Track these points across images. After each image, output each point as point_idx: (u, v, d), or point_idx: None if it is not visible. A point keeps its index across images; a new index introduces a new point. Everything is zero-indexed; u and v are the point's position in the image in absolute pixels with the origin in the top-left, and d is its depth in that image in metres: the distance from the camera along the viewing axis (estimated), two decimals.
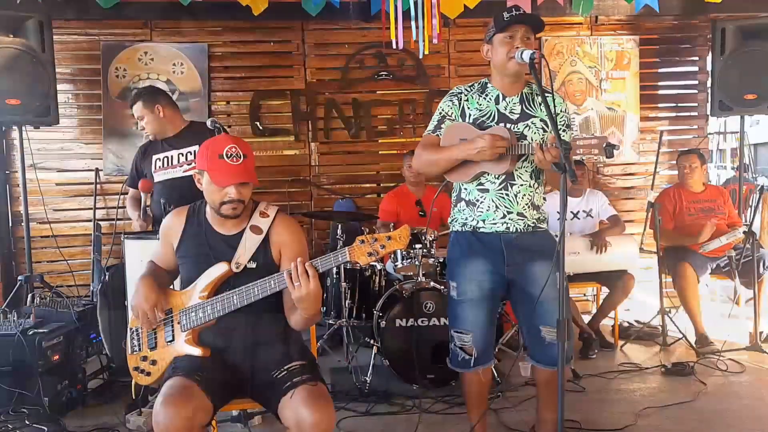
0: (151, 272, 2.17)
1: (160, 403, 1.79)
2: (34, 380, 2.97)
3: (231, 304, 2.00)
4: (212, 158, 2.01)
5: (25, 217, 4.12)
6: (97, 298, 3.46)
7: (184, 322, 2.07)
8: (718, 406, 3.14)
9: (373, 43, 4.87)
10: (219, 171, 1.99)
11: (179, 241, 2.16)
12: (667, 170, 5.23)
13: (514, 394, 3.30)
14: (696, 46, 5.23)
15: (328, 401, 1.91)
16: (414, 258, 3.56)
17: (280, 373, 2.00)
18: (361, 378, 3.40)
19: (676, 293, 4.20)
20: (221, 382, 1.98)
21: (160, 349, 2.10)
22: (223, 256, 2.08)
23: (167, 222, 2.23)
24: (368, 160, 5.08)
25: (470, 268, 2.38)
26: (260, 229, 2.11)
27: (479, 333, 2.40)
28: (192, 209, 2.21)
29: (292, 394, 1.90)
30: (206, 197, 2.10)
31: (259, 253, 2.09)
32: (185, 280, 2.17)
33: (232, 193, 2.01)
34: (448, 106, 2.41)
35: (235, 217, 2.07)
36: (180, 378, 1.89)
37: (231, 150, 2.00)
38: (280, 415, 1.95)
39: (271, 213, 2.15)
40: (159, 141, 3.36)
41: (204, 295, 2.05)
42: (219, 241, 2.11)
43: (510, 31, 2.29)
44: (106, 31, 4.71)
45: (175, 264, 2.23)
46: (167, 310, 2.10)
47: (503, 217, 2.35)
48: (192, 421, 1.78)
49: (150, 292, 2.06)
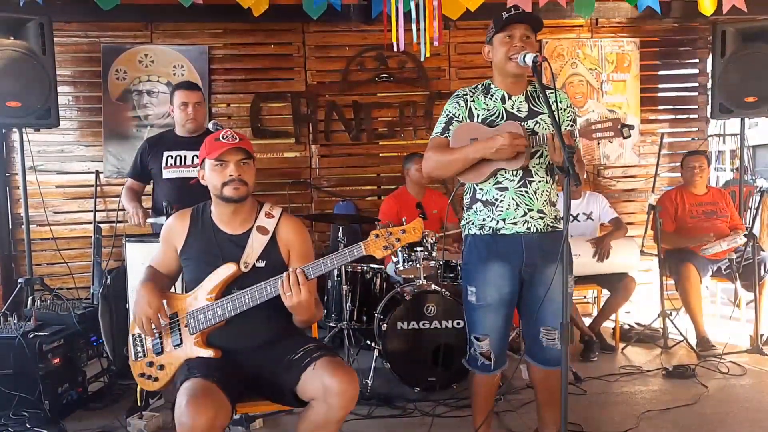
0: (151, 277, 2.16)
1: (185, 404, 1.79)
2: (34, 383, 2.96)
3: (243, 303, 2.00)
4: (210, 142, 2.11)
5: (25, 220, 4.11)
6: (98, 300, 3.44)
7: (193, 325, 2.06)
8: (719, 409, 3.13)
9: (373, 45, 4.87)
10: (216, 147, 2.07)
11: (184, 242, 2.17)
12: (667, 172, 5.23)
13: (516, 397, 3.30)
14: (696, 48, 5.23)
15: (351, 369, 1.95)
16: (415, 260, 3.55)
17: (296, 355, 2.02)
18: (362, 381, 3.39)
19: (679, 295, 4.20)
20: (235, 381, 1.99)
21: (167, 353, 2.09)
22: (230, 255, 2.09)
23: (170, 225, 2.23)
24: (369, 162, 5.07)
25: (489, 273, 2.36)
26: (266, 229, 2.13)
27: (497, 337, 2.40)
28: (196, 210, 2.22)
29: (314, 366, 1.93)
30: (210, 186, 2.12)
31: (266, 253, 2.10)
32: (190, 281, 2.16)
33: (232, 170, 2.06)
34: (454, 107, 2.40)
35: (239, 200, 2.08)
36: (200, 379, 1.89)
37: (227, 133, 2.12)
38: (302, 391, 1.95)
39: (276, 213, 2.18)
40: (171, 137, 3.37)
41: (212, 297, 2.05)
42: (226, 241, 2.12)
43: (509, 31, 2.30)
44: (107, 33, 4.70)
45: (175, 268, 2.23)
46: (172, 315, 2.10)
47: (524, 215, 2.34)
48: (214, 421, 1.78)
49: (153, 298, 2.05)
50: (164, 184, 3.31)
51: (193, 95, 3.33)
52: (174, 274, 2.26)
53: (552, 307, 2.26)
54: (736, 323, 4.31)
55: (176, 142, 3.36)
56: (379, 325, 3.48)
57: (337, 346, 4.02)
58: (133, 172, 3.46)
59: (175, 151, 3.32)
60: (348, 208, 4.90)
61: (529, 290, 2.39)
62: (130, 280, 2.99)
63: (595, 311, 4.64)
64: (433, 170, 2.43)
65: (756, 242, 4.01)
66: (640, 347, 4.19)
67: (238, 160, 2.08)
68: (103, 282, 3.46)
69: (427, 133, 4.89)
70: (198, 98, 3.35)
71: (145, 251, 2.94)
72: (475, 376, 2.48)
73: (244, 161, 2.09)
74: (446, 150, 2.37)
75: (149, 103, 4.71)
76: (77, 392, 3.21)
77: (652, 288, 4.74)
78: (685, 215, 4.30)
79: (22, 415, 2.95)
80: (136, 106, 4.70)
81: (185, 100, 3.31)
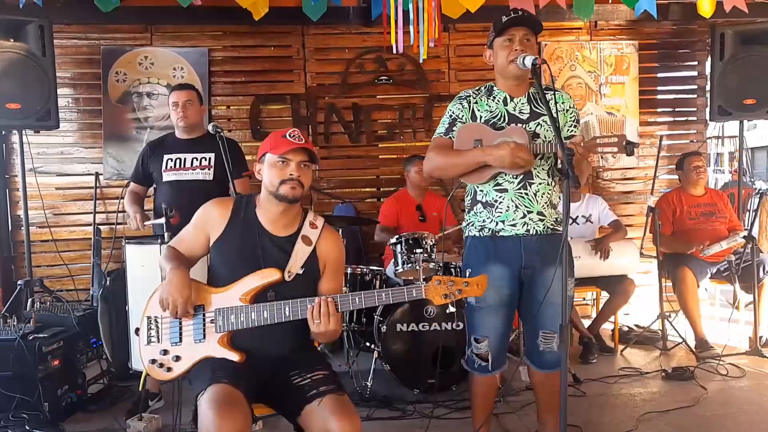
0: (181, 261, 2.05)
1: (210, 410, 1.74)
2: (34, 385, 2.96)
3: (282, 315, 1.96)
4: (275, 138, 2.06)
5: (24, 221, 4.11)
6: (97, 302, 3.45)
7: (221, 324, 1.99)
8: (718, 410, 3.14)
9: (373, 47, 4.88)
10: (282, 144, 2.02)
11: (222, 233, 2.08)
12: (666, 175, 5.24)
13: (516, 399, 3.30)
14: (695, 51, 5.25)
15: (355, 412, 1.89)
16: (414, 262, 3.55)
17: (303, 380, 1.97)
18: (361, 383, 3.40)
19: (676, 298, 4.21)
20: (254, 390, 1.95)
21: (185, 345, 2.00)
22: (271, 258, 2.04)
23: (209, 210, 2.13)
24: (368, 164, 5.07)
25: (489, 275, 2.34)
26: (310, 240, 2.09)
27: (495, 338, 2.40)
28: (239, 202, 2.14)
29: (319, 402, 1.88)
30: (265, 181, 2.06)
31: (307, 263, 2.07)
32: (219, 275, 2.07)
33: (293, 169, 2.01)
34: (458, 109, 2.41)
35: (293, 200, 2.03)
36: (226, 386, 1.84)
37: (294, 132, 2.06)
38: (303, 422, 1.92)
39: (319, 224, 2.14)
40: (171, 141, 3.38)
41: (246, 299, 1.99)
42: (268, 242, 2.07)
43: (508, 34, 2.31)
44: (107, 35, 4.70)
45: (200, 254, 2.15)
46: (197, 306, 2.01)
47: (523, 217, 2.34)
48: (238, 431, 1.74)
49: (185, 287, 1.96)
50: (164, 187, 3.32)
51: (182, 94, 3.33)
52: (195, 260, 2.16)
53: (551, 310, 2.27)
54: (735, 325, 4.31)
55: (176, 145, 3.37)
56: (378, 327, 3.48)
57: (337, 348, 4.03)
58: (135, 176, 3.47)
59: (174, 154, 3.33)
60: (348, 211, 4.90)
61: (528, 292, 2.40)
62: (129, 282, 2.98)
63: (594, 313, 4.64)
64: (434, 171, 2.44)
65: (755, 244, 4.02)
66: (639, 349, 4.19)
67: (300, 161, 2.03)
68: (103, 284, 3.46)
69: (427, 135, 4.90)
70: (188, 96, 3.34)
71: (145, 253, 2.95)
72: (474, 377, 2.48)
73: (306, 163, 2.05)
74: (449, 152, 2.37)
75: (149, 105, 4.71)
76: (77, 394, 3.20)
77: (651, 290, 4.75)
78: (684, 217, 4.30)
79: (21, 417, 2.94)
80: (136, 108, 4.71)
81: (175, 100, 3.33)
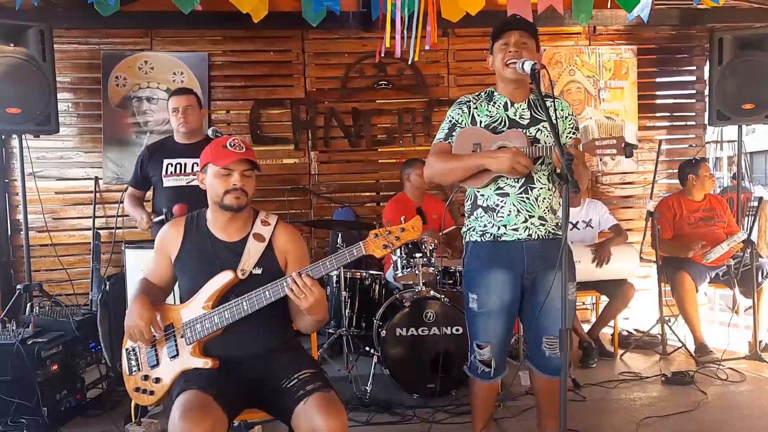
0: (143, 290, 2.11)
1: (178, 418, 1.75)
2: (33, 390, 2.95)
3: (241, 310, 1.98)
4: (216, 148, 2.08)
5: (24, 226, 4.11)
6: (96, 307, 3.44)
7: (189, 335, 2.04)
8: (718, 415, 3.14)
9: (372, 52, 4.88)
10: (223, 154, 2.04)
11: (179, 251, 2.14)
12: (665, 179, 5.25)
13: (515, 403, 3.29)
14: (694, 55, 5.26)
15: (341, 408, 1.90)
16: (414, 267, 3.55)
17: (290, 382, 1.99)
18: (361, 387, 3.39)
19: (675, 302, 4.20)
20: (233, 394, 1.96)
21: (163, 366, 2.05)
22: (227, 263, 2.07)
23: (164, 234, 2.20)
24: (368, 168, 5.08)
25: (491, 280, 2.36)
26: (263, 237, 2.12)
27: (498, 344, 2.41)
28: (190, 219, 2.20)
29: (305, 402, 1.89)
30: (209, 192, 2.10)
31: (263, 260, 2.09)
32: (186, 291, 2.14)
33: (236, 179, 2.04)
34: (458, 114, 2.42)
35: (238, 209, 2.06)
36: (195, 391, 1.86)
37: (234, 141, 2.08)
38: (293, 424, 1.93)
39: (272, 221, 2.17)
40: (171, 145, 3.38)
41: (208, 305, 2.03)
42: (222, 249, 2.11)
43: (504, 38, 2.34)
44: (107, 40, 4.72)
45: (169, 279, 2.20)
46: (167, 326, 2.06)
47: (525, 222, 2.34)
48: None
49: (144, 310, 2.01)
50: (164, 192, 3.33)
51: (182, 99, 3.35)
52: (168, 286, 2.22)
53: (554, 315, 2.26)
54: (734, 329, 4.31)
55: (176, 150, 3.37)
56: (378, 331, 3.48)
57: (336, 353, 4.03)
58: (134, 181, 3.48)
59: (174, 159, 3.33)
60: (347, 215, 4.90)
61: (530, 297, 2.39)
62: (129, 286, 2.99)
63: (593, 317, 4.64)
64: (435, 176, 2.45)
65: (754, 248, 4.02)
66: (638, 353, 4.19)
67: (242, 171, 2.06)
68: (102, 288, 3.46)
69: (426, 139, 4.91)
70: (188, 102, 3.35)
71: (145, 257, 2.95)
72: (476, 382, 2.48)
73: (248, 171, 2.08)
74: (449, 157, 2.38)
75: (149, 110, 4.72)
76: (76, 399, 3.20)
77: (650, 294, 4.75)
78: (683, 221, 4.31)
79: (20, 421, 2.94)
80: (136, 113, 4.71)
81: (175, 105, 3.34)
